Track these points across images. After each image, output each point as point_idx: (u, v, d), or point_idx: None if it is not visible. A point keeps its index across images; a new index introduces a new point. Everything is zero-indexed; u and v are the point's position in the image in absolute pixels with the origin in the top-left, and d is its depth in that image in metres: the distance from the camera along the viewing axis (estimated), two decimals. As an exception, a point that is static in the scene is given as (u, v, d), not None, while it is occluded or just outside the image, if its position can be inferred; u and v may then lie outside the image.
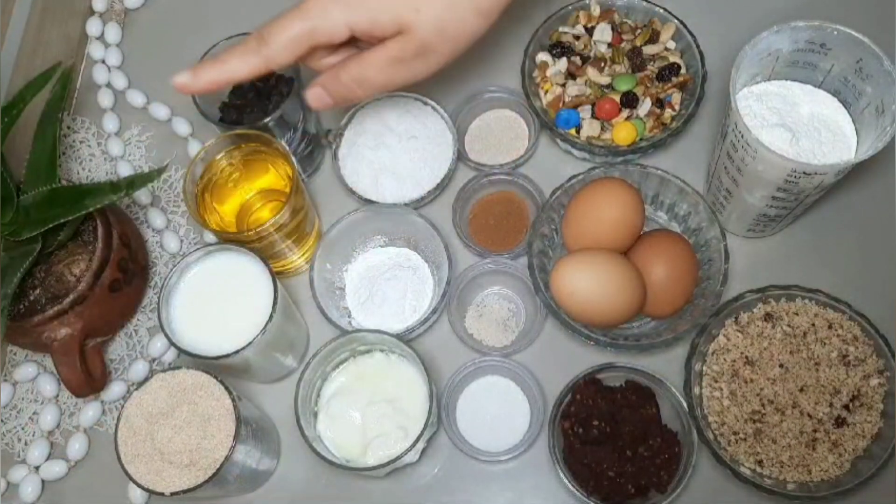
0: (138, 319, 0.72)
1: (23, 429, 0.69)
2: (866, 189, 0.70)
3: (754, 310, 0.65)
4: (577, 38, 0.74)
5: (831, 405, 0.61)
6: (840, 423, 0.61)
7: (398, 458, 0.58)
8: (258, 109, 0.70)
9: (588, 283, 0.62)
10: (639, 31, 0.74)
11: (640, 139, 0.70)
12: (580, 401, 0.62)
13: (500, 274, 0.69)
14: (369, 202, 0.70)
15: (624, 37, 0.74)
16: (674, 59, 0.72)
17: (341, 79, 0.59)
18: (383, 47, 0.58)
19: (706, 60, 0.71)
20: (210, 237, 0.72)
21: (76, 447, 0.68)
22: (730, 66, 0.60)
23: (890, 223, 0.70)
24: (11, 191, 0.62)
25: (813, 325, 0.63)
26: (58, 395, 0.70)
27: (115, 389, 0.69)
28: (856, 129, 0.62)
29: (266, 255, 0.64)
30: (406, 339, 0.63)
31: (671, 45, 0.73)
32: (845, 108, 0.63)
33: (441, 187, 0.71)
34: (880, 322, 0.63)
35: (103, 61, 0.81)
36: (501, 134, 0.75)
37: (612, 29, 0.74)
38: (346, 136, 0.73)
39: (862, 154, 0.58)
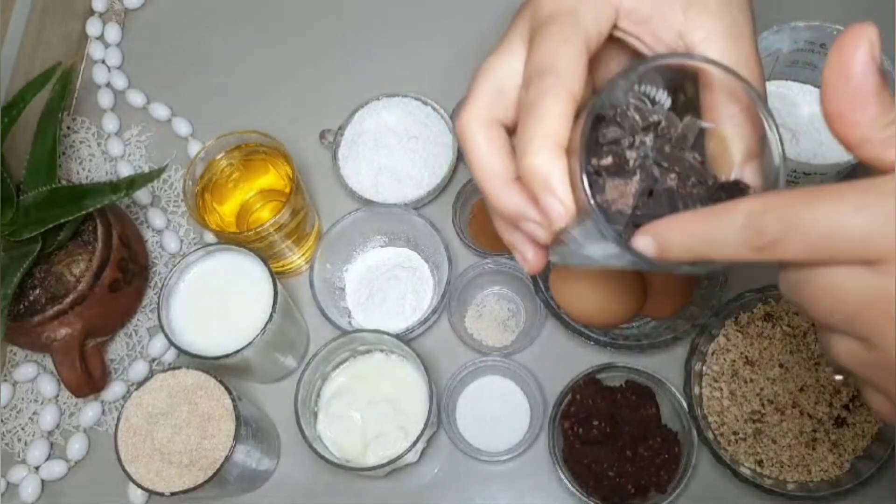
0: (138, 319, 0.72)
1: (23, 429, 0.69)
2: (866, 189, 0.70)
3: (754, 310, 0.64)
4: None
5: (831, 405, 0.61)
6: (840, 423, 0.61)
7: (398, 458, 0.58)
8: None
9: (588, 283, 0.62)
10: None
11: (640, 139, 0.70)
12: (580, 401, 0.62)
13: (500, 274, 0.69)
14: (369, 202, 0.70)
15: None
16: (674, 59, 0.72)
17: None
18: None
19: (706, 60, 0.71)
20: (210, 237, 0.72)
21: (76, 447, 0.68)
22: (730, 66, 0.59)
23: (890, 223, 0.70)
24: (11, 191, 0.62)
25: (813, 325, 0.63)
26: (58, 395, 0.70)
27: (115, 389, 0.69)
28: (856, 129, 0.62)
29: (266, 255, 0.64)
30: (406, 339, 0.63)
31: (671, 45, 0.73)
32: (845, 108, 0.63)
33: (441, 187, 0.71)
34: (880, 322, 0.62)
35: (103, 61, 0.81)
36: (501, 134, 0.75)
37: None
38: (346, 136, 0.73)
39: (862, 154, 0.58)
